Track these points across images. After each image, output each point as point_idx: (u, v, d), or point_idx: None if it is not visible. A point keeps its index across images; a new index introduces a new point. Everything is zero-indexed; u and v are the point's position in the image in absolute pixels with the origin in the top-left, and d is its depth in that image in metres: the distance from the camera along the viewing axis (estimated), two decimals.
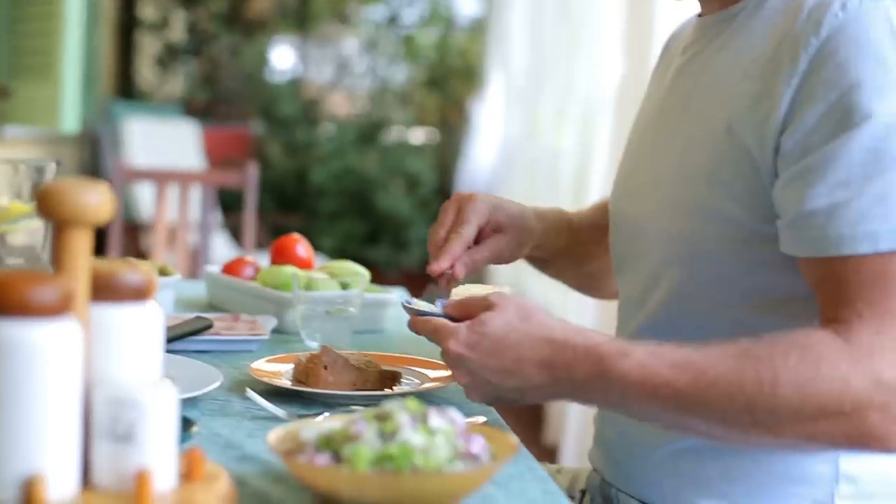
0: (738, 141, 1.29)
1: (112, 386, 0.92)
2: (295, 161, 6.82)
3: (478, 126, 6.37)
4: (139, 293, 0.97)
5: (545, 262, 1.74)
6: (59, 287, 0.88)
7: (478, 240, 1.58)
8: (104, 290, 0.96)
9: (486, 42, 6.32)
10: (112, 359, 0.95)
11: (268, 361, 1.53)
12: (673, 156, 1.40)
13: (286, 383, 1.45)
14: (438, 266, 1.52)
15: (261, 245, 5.36)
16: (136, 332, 0.96)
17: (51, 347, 0.87)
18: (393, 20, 7.21)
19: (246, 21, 7.42)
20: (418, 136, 7.27)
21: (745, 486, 1.35)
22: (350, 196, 6.63)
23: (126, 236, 5.35)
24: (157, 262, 1.90)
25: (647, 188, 1.45)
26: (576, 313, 4.12)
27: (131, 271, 0.97)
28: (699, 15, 1.49)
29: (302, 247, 2.05)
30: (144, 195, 5.79)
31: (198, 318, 1.68)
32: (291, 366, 1.51)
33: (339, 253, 6.35)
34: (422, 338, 1.36)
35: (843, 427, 1.14)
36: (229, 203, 5.78)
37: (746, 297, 1.32)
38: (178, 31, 7.48)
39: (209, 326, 1.66)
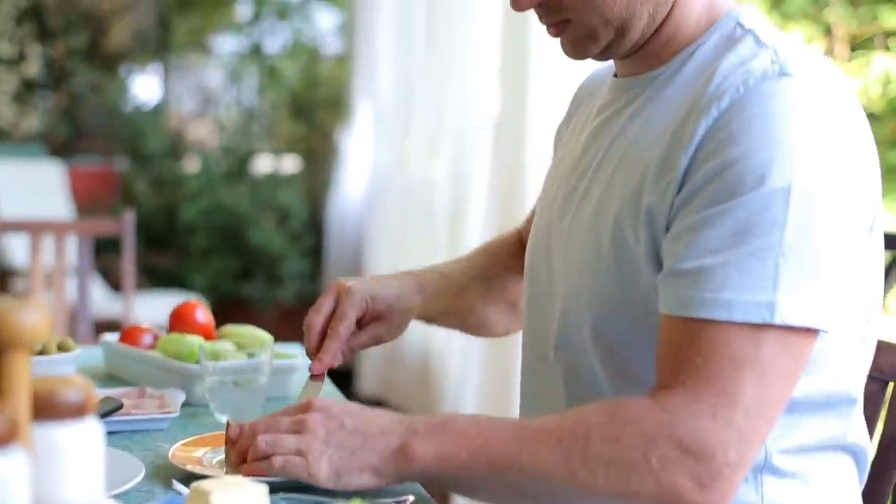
0: (644, 205, 1.32)
1: None
2: (163, 198, 6.69)
3: (346, 156, 6.34)
4: (79, 410, 0.94)
5: (429, 321, 1.76)
6: (5, 418, 0.85)
7: (357, 327, 1.61)
8: (43, 409, 0.92)
9: (350, 71, 6.28)
10: (57, 481, 0.92)
11: (185, 445, 1.48)
12: (585, 215, 1.43)
13: (213, 470, 1.40)
14: (320, 367, 1.55)
15: (138, 288, 5.25)
16: (78, 450, 0.93)
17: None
18: (256, 50, 7.12)
19: (105, 55, 7.27)
20: (286, 166, 7.18)
21: None
22: (221, 232, 6.52)
23: None
24: (57, 338, 1.84)
25: (560, 246, 1.48)
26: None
27: (69, 388, 0.94)
28: (615, 75, 1.50)
29: (201, 312, 2.01)
30: (17, 242, 5.58)
31: (106, 399, 1.63)
32: (209, 448, 1.48)
33: (213, 291, 6.24)
34: None
35: (653, 488, 1.19)
36: (99, 244, 5.63)
37: (649, 362, 1.32)
38: (34, 66, 7.30)
39: (119, 407, 1.62)
